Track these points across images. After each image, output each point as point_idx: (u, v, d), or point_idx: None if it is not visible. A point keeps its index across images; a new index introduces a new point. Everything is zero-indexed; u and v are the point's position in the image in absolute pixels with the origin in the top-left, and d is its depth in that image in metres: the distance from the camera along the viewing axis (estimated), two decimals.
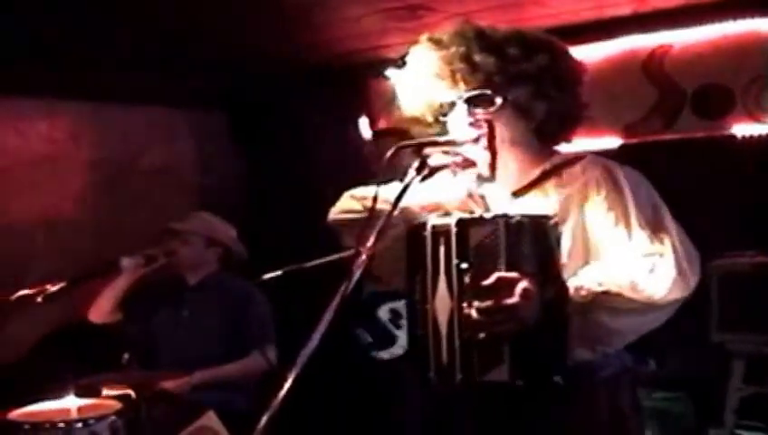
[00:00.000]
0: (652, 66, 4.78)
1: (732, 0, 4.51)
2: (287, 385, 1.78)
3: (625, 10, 4.71)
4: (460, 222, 2.17)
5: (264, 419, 1.76)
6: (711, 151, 4.60)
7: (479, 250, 2.11)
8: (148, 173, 5.78)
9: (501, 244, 2.08)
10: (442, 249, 2.19)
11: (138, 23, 4.60)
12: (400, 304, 4.40)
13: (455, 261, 2.14)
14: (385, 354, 4.45)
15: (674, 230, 2.22)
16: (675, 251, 2.18)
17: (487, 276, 2.05)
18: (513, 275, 2.04)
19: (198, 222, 4.56)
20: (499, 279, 2.04)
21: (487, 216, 2.19)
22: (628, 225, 2.21)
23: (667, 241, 2.19)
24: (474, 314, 2.06)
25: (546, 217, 2.16)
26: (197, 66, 5.54)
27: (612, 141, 4.80)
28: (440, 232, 2.21)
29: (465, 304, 2.09)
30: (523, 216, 2.13)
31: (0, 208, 5.04)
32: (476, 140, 2.30)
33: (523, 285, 2.02)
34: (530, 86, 2.30)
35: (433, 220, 2.25)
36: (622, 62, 4.76)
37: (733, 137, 4.56)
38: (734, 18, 4.54)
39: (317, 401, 4.05)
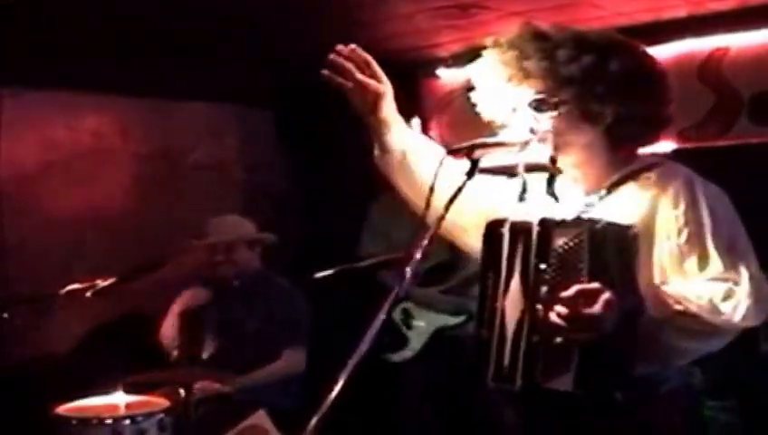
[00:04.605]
0: (708, 70, 4.71)
1: None
2: (338, 387, 1.74)
3: (680, 12, 4.65)
4: (543, 222, 2.13)
5: (315, 420, 1.73)
6: (767, 158, 4.50)
7: (561, 253, 2.07)
8: (195, 169, 5.79)
9: (584, 249, 2.04)
10: (520, 248, 2.15)
11: (188, 20, 4.61)
12: (411, 304, 4.37)
13: (533, 261, 2.11)
14: (396, 357, 4.38)
15: (751, 256, 2.17)
16: (751, 278, 2.12)
17: (567, 280, 2.02)
18: (596, 284, 2.00)
19: (236, 228, 4.56)
20: (582, 287, 1.99)
21: (571, 219, 2.14)
22: (702, 245, 2.14)
23: (743, 268, 2.13)
24: (553, 317, 2.02)
25: (629, 227, 2.11)
26: (246, 63, 5.54)
27: (666, 146, 4.68)
28: (520, 230, 2.17)
29: (539, 307, 2.06)
30: (607, 222, 2.08)
31: (49, 201, 5.06)
32: (527, 143, 2.23)
33: (606, 295, 1.98)
34: (591, 90, 2.20)
35: (513, 217, 2.21)
36: (678, 65, 4.63)
37: None
38: None
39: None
